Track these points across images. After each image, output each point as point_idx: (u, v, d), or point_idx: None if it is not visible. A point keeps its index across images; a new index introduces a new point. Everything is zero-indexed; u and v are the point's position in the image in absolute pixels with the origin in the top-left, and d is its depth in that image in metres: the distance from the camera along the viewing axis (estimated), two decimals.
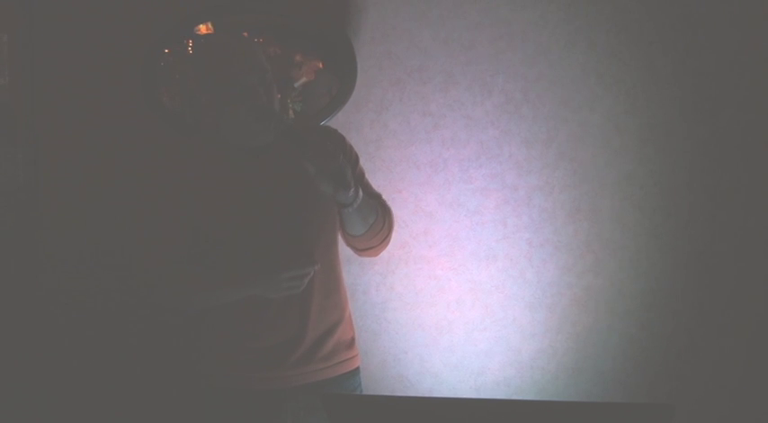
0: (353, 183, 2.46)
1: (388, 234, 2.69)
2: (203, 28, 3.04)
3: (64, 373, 3.10)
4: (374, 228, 2.61)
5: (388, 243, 2.71)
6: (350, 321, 2.70)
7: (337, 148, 2.49)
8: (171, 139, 3.02)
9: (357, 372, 2.70)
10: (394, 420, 1.99)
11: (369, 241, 2.65)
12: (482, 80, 3.15)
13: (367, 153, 3.11)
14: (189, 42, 3.04)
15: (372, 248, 2.68)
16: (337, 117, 3.09)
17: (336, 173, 2.40)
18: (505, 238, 3.19)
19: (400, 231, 3.14)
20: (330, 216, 2.61)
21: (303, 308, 2.56)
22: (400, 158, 3.16)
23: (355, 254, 2.75)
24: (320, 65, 3.09)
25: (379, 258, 2.85)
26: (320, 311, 2.59)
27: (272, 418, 2.55)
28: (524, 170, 3.17)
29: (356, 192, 2.48)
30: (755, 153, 3.17)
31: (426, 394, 3.19)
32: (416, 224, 3.18)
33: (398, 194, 3.15)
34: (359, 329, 3.04)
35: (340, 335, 2.64)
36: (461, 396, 3.17)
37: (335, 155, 2.42)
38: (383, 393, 3.17)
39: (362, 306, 3.18)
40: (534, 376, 3.21)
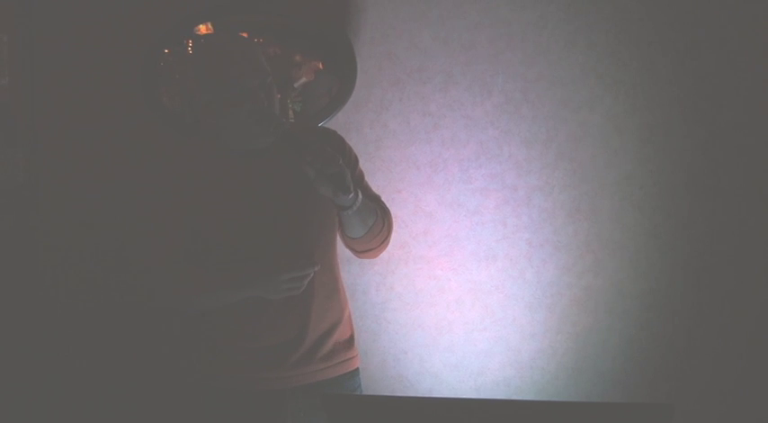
0: (353, 186, 2.45)
1: (388, 236, 2.69)
2: (203, 28, 3.04)
3: (64, 374, 3.10)
4: (373, 230, 2.61)
5: (388, 245, 2.71)
6: (349, 321, 2.70)
7: (337, 152, 2.48)
8: (171, 140, 3.02)
9: (357, 372, 2.70)
10: (394, 420, 2.00)
11: (368, 243, 2.65)
12: (482, 80, 3.15)
13: (367, 153, 3.11)
14: (189, 43, 3.04)
15: (371, 250, 2.68)
16: (337, 117, 3.09)
17: (336, 176, 2.40)
18: (505, 239, 3.19)
19: (400, 231, 3.14)
20: (329, 217, 2.61)
21: (303, 309, 2.56)
22: (400, 158, 3.16)
23: (354, 256, 2.75)
24: (320, 65, 3.09)
25: (378, 259, 2.86)
26: (320, 312, 2.59)
27: (273, 419, 2.55)
28: (524, 170, 3.17)
29: (356, 195, 2.48)
30: (755, 153, 3.17)
31: (426, 394, 3.19)
32: (416, 224, 3.18)
33: (398, 194, 3.16)
34: (359, 330, 3.04)
35: (339, 335, 2.64)
36: (461, 396, 3.17)
37: (335, 158, 2.41)
38: (383, 393, 3.17)
39: (362, 306, 3.18)
40: (534, 376, 3.21)
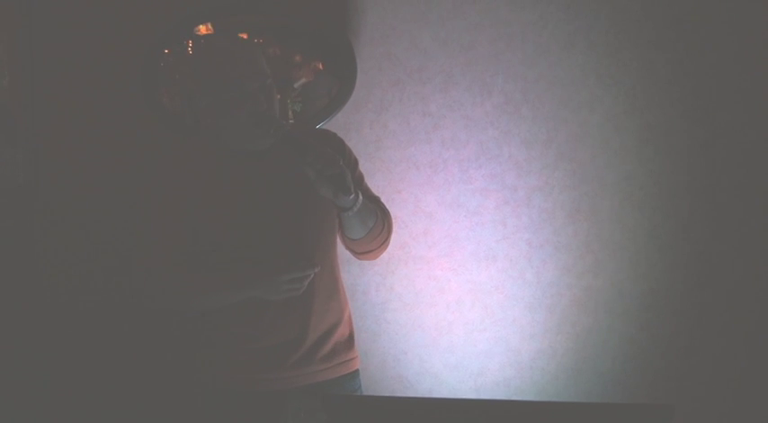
0: (353, 187, 2.45)
1: (387, 237, 2.69)
2: (203, 28, 3.04)
3: (64, 374, 3.09)
4: (373, 231, 2.61)
5: (387, 246, 2.71)
6: (349, 322, 2.70)
7: (337, 153, 2.48)
8: (171, 141, 3.02)
9: (357, 373, 2.70)
10: (394, 421, 2.00)
11: (368, 245, 2.65)
12: (482, 81, 3.15)
13: (366, 154, 3.11)
14: (189, 43, 3.04)
15: (371, 252, 2.68)
16: (337, 118, 3.09)
17: (336, 177, 2.40)
18: (505, 239, 3.19)
19: (400, 232, 3.14)
20: (330, 218, 2.61)
21: (304, 309, 2.56)
22: (400, 159, 3.16)
23: (354, 257, 2.75)
24: (320, 65, 3.09)
25: (378, 259, 2.85)
26: (320, 313, 2.59)
27: (273, 419, 2.55)
28: (524, 171, 3.17)
29: (356, 196, 2.48)
30: (755, 153, 3.17)
31: (426, 395, 3.19)
32: (416, 225, 3.18)
33: (398, 195, 3.16)
34: (358, 330, 3.04)
35: (339, 335, 2.64)
36: (461, 397, 3.17)
37: (335, 159, 2.41)
38: (383, 394, 3.17)
39: (362, 307, 3.18)
40: (534, 377, 3.21)
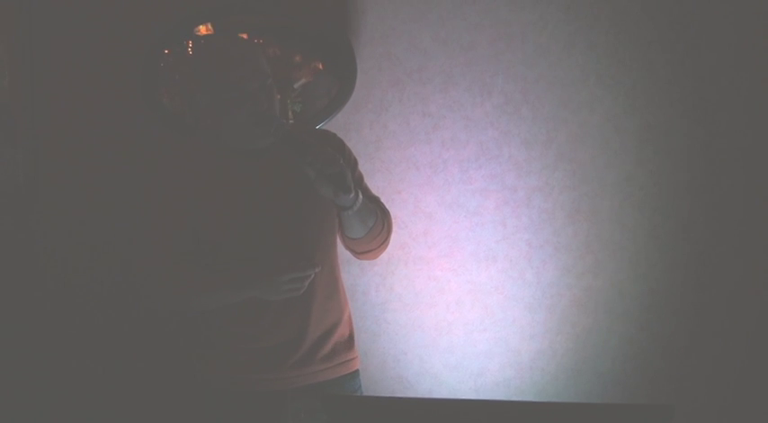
0: (353, 186, 2.46)
1: (387, 237, 2.69)
2: (203, 29, 3.04)
3: (64, 374, 3.09)
4: (373, 231, 2.61)
5: (387, 246, 2.71)
6: (349, 322, 2.70)
7: (337, 152, 2.48)
8: (171, 140, 3.02)
9: (357, 374, 2.70)
10: (393, 422, 1.99)
11: (368, 244, 2.65)
12: (482, 81, 3.15)
13: (366, 154, 3.11)
14: (189, 43, 3.04)
15: (371, 251, 2.68)
16: (337, 118, 3.09)
17: (336, 176, 2.40)
18: (505, 239, 3.19)
19: (400, 232, 3.14)
20: (330, 218, 2.61)
21: (304, 310, 2.56)
22: (400, 159, 3.16)
23: (354, 257, 2.75)
24: (320, 66, 3.09)
25: (378, 259, 2.85)
26: (320, 313, 2.59)
27: (273, 420, 2.55)
28: (524, 171, 3.17)
29: (356, 195, 2.48)
30: (755, 154, 3.17)
31: (426, 395, 3.19)
32: (416, 225, 3.18)
33: (398, 195, 3.15)
34: (358, 331, 3.04)
35: (339, 336, 2.64)
36: (461, 397, 3.17)
37: (335, 158, 2.42)
38: (382, 394, 3.17)
39: (362, 307, 3.18)
40: (534, 377, 3.21)
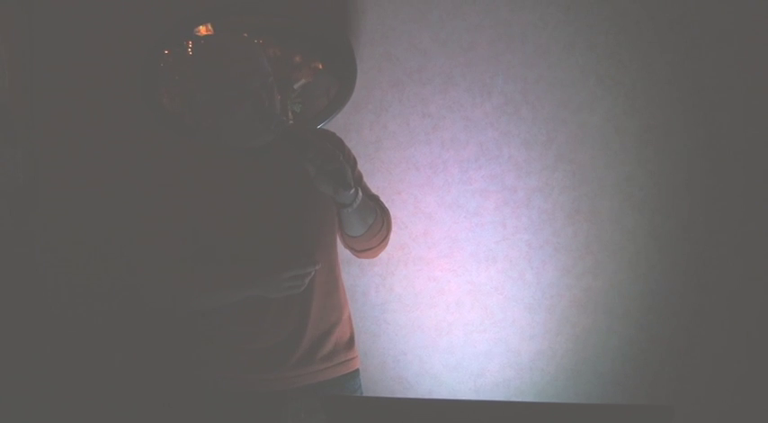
0: (353, 183, 2.46)
1: (387, 235, 2.69)
2: (203, 29, 3.04)
3: (64, 374, 3.09)
4: (373, 229, 2.62)
5: (387, 244, 2.72)
6: (349, 322, 2.70)
7: (336, 149, 2.49)
8: (170, 140, 3.02)
9: (357, 373, 2.70)
10: (393, 422, 1.99)
11: (367, 242, 2.65)
12: (481, 82, 3.15)
13: (366, 154, 3.11)
14: (189, 44, 3.04)
15: (371, 249, 2.68)
16: (337, 118, 3.09)
17: (336, 173, 2.41)
18: (505, 240, 3.18)
19: (399, 233, 3.14)
20: (330, 216, 2.62)
21: (303, 308, 2.56)
22: (400, 160, 3.16)
23: (353, 255, 2.75)
24: (320, 66, 3.09)
25: (378, 260, 2.85)
26: (320, 312, 2.59)
27: (273, 420, 2.55)
28: (524, 172, 3.17)
29: (356, 192, 2.48)
30: (755, 154, 3.17)
31: (426, 396, 3.19)
32: (416, 225, 3.18)
33: (398, 196, 3.15)
34: (358, 331, 3.03)
35: (339, 335, 2.64)
36: (461, 398, 3.17)
37: (335, 155, 2.42)
38: (382, 395, 3.17)
39: (362, 307, 3.18)
40: (533, 378, 3.21)
